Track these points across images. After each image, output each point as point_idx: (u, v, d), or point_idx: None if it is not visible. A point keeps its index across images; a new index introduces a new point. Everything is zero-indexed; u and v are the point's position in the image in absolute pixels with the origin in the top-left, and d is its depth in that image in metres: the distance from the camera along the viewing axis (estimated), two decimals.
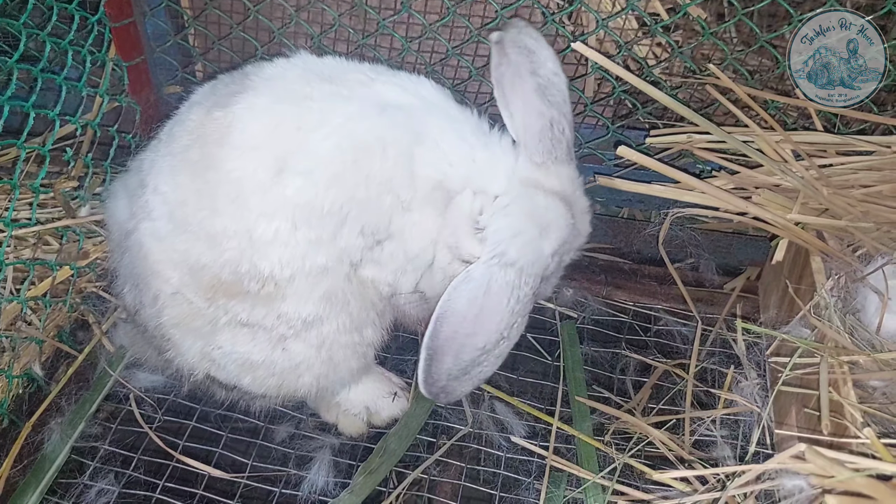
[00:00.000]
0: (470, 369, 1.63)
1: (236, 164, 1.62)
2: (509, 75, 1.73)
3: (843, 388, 1.56)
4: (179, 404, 2.03)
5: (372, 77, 1.75)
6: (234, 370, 1.78)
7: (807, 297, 1.86)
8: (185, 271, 1.69)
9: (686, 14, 2.05)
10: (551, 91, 1.71)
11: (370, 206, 1.65)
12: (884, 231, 1.89)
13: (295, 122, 1.65)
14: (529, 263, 1.64)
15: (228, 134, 1.64)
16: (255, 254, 1.63)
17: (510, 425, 1.99)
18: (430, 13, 2.25)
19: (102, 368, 2.07)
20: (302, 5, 2.27)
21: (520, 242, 1.65)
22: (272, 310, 1.68)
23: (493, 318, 1.62)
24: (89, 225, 2.23)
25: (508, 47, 1.72)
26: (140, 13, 2.28)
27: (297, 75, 1.72)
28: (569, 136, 1.74)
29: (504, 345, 1.63)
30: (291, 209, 1.61)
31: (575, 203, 1.76)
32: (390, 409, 2.04)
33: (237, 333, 1.72)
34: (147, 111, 2.38)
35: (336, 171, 1.62)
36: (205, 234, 1.65)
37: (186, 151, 1.68)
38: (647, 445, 1.87)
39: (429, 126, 1.69)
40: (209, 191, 1.64)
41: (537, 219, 1.69)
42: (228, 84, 1.73)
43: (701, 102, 2.31)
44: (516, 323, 1.63)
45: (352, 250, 1.69)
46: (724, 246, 2.39)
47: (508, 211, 1.69)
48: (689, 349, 2.15)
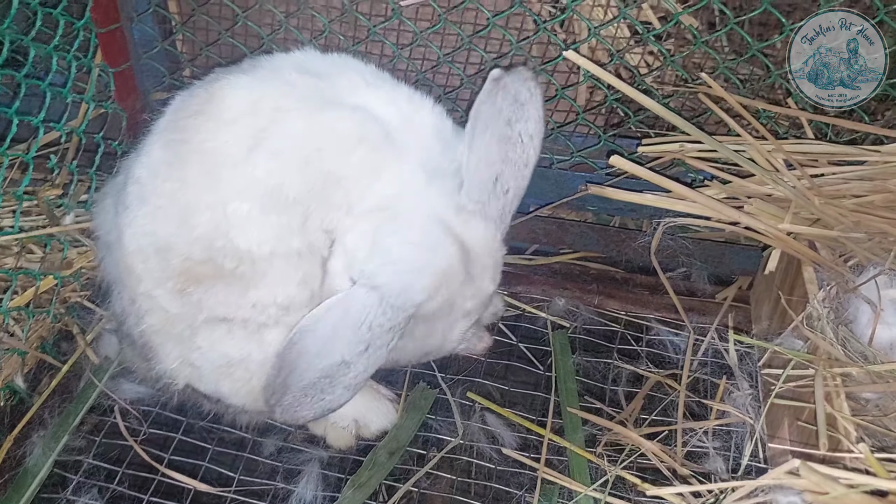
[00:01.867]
0: (313, 393, 1.57)
1: (210, 136, 1.61)
2: (487, 114, 1.68)
3: (836, 401, 1.55)
4: (165, 417, 2.00)
5: (368, 82, 1.73)
6: (212, 375, 1.75)
7: (799, 307, 1.85)
8: (153, 256, 1.65)
9: (678, 23, 2.04)
10: (515, 149, 1.67)
11: (326, 201, 1.63)
12: (875, 241, 1.88)
13: (273, 102, 1.64)
14: (394, 294, 1.57)
15: (206, 105, 1.64)
16: (231, 229, 1.60)
17: (501, 437, 1.97)
18: (421, 20, 2.23)
19: (87, 380, 2.04)
20: (292, 11, 2.25)
21: (392, 270, 1.60)
22: (247, 298, 1.64)
23: (341, 339, 1.55)
24: (74, 233, 2.19)
25: (501, 89, 1.67)
26: (127, 18, 2.25)
27: (289, 65, 1.73)
28: (509, 200, 1.70)
29: (350, 375, 1.56)
30: (262, 191, 1.59)
31: (477, 261, 1.70)
32: (379, 421, 2.00)
33: (214, 331, 1.68)
34: (133, 118, 2.35)
35: (305, 157, 1.61)
36: (175, 208, 1.63)
37: (163, 128, 1.69)
38: (640, 457, 1.85)
39: (397, 147, 1.67)
40: (180, 161, 1.63)
41: (421, 255, 1.63)
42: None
43: (693, 111, 2.30)
44: (364, 352, 1.56)
45: (320, 245, 1.66)
46: (716, 255, 2.38)
47: (398, 235, 1.64)
48: (680, 359, 2.14)
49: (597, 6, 2.20)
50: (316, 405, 1.59)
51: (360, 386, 1.61)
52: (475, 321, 1.86)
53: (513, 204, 1.72)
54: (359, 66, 1.79)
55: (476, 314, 1.83)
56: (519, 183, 1.70)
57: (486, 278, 1.75)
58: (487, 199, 1.69)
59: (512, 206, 1.72)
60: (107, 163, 2.24)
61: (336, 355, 1.56)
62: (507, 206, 1.71)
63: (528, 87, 1.67)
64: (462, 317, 1.78)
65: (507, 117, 1.67)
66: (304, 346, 1.56)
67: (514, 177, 1.69)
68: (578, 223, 2.48)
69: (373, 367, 1.59)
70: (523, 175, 1.70)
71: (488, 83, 1.68)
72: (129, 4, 2.26)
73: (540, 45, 2.29)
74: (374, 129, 1.66)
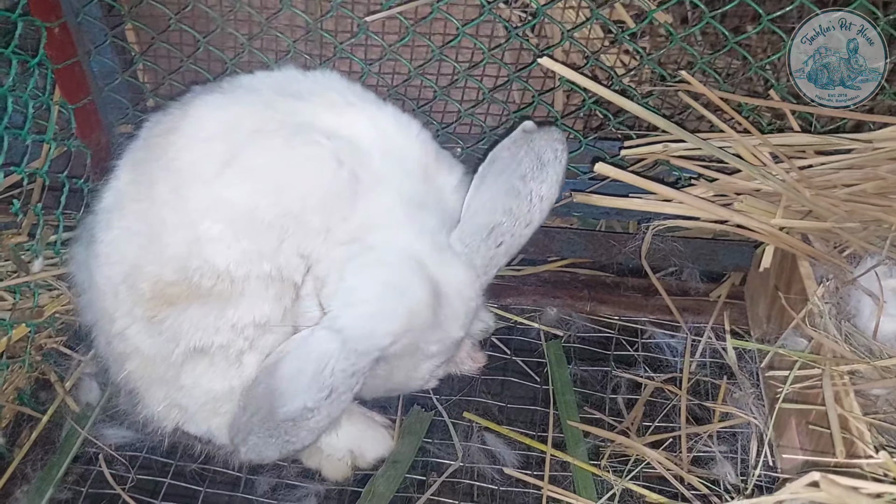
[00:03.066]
0: (277, 434, 1.52)
1: (181, 153, 1.57)
2: (504, 162, 1.66)
3: (845, 401, 1.51)
4: (154, 461, 1.93)
5: (350, 102, 1.68)
6: (200, 414, 1.70)
7: (797, 304, 1.81)
8: (121, 284, 1.61)
9: (652, 20, 2.00)
10: (521, 205, 1.64)
11: (303, 226, 1.58)
12: (871, 230, 1.85)
13: (251, 124, 1.59)
14: (358, 339, 1.51)
15: (180, 123, 1.61)
16: (204, 248, 1.55)
17: (502, 456, 1.93)
18: (388, 34, 2.18)
19: (69, 429, 1.97)
20: (255, 33, 2.18)
21: (356, 313, 1.54)
22: (225, 317, 1.58)
23: (301, 383, 1.50)
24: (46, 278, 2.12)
25: (527, 143, 1.66)
26: (84, 52, 2.18)
27: (268, 86, 1.69)
28: (499, 254, 1.66)
29: (313, 419, 1.51)
30: (234, 214, 1.55)
31: (448, 305, 1.64)
32: (375, 449, 1.94)
33: (196, 366, 1.63)
34: (98, 154, 2.27)
35: (281, 181, 1.57)
36: (144, 229, 1.59)
37: (133, 149, 1.66)
38: (646, 466, 1.81)
39: (376, 176, 1.62)
40: (149, 180, 1.59)
41: (390, 297, 1.56)
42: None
43: (673, 109, 2.27)
44: (328, 398, 1.50)
45: (293, 270, 1.60)
46: (706, 253, 2.35)
47: (367, 273, 1.58)
48: (678, 361, 2.11)
49: (568, 8, 2.16)
50: (281, 446, 1.54)
51: (325, 428, 1.56)
52: (446, 360, 1.81)
53: (502, 259, 1.68)
54: (341, 84, 1.75)
55: (444, 356, 1.77)
56: (515, 240, 1.67)
57: (454, 325, 1.69)
58: (477, 247, 1.65)
59: (500, 261, 1.68)
60: (74, 202, 2.18)
61: (299, 401, 1.50)
62: (496, 260, 1.67)
63: (555, 150, 1.66)
64: (427, 358, 1.73)
65: (524, 172, 1.64)
66: (269, 386, 1.52)
67: (512, 233, 1.65)
68: (565, 230, 2.44)
69: (337, 411, 1.53)
70: (522, 234, 1.67)
71: (517, 132, 1.69)
72: (85, 37, 2.18)
73: (512, 52, 2.25)
74: (352, 158, 1.61)
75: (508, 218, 1.64)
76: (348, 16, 2.11)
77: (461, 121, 2.28)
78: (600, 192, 2.04)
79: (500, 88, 2.25)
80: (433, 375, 1.82)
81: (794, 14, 2.05)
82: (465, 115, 2.25)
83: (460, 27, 2.05)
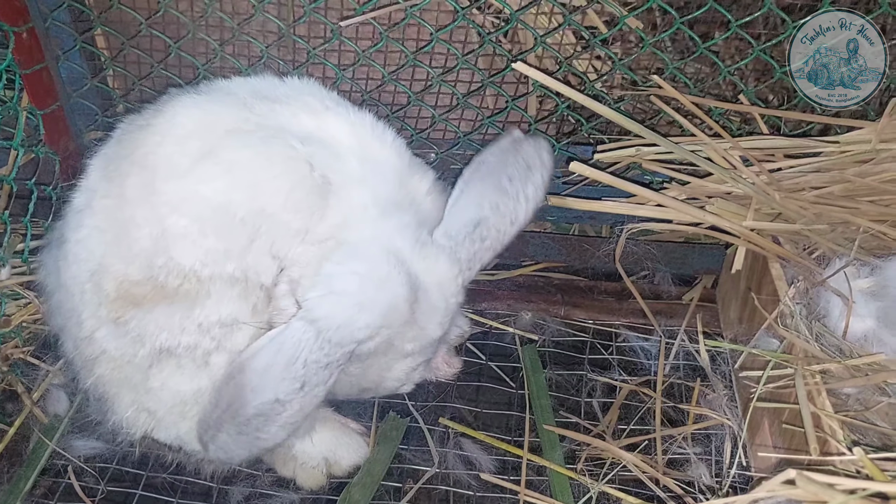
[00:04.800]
0: (247, 431, 1.50)
1: (154, 149, 1.56)
2: (493, 164, 1.69)
3: (818, 399, 1.53)
4: (124, 472, 1.91)
5: (328, 107, 1.68)
6: (168, 418, 1.68)
7: (768, 305, 1.83)
8: (87, 283, 1.59)
9: (623, 26, 2.02)
10: (508, 203, 1.66)
11: (278, 225, 1.57)
12: (838, 232, 1.88)
13: (228, 124, 1.59)
14: (332, 328, 1.48)
15: (154, 120, 1.60)
16: (170, 246, 1.53)
17: (478, 461, 1.92)
18: (362, 39, 2.17)
19: (36, 440, 1.93)
20: (226, 38, 2.17)
21: (333, 302, 1.51)
22: (192, 317, 1.56)
23: (273, 375, 1.48)
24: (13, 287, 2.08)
25: (515, 149, 1.69)
26: (52, 57, 2.15)
27: (246, 89, 1.68)
28: (483, 248, 1.66)
29: (285, 413, 1.48)
30: (205, 208, 1.53)
31: (426, 300, 1.62)
32: (350, 456, 1.92)
33: (164, 368, 1.60)
34: (67, 160, 2.24)
35: (257, 177, 1.55)
36: (112, 225, 1.57)
37: (105, 147, 1.66)
38: (622, 469, 1.82)
39: (352, 178, 1.62)
40: (119, 175, 1.58)
41: (367, 287, 1.54)
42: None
43: (645, 113, 2.29)
44: (300, 390, 1.48)
45: (261, 271, 1.59)
46: (678, 256, 2.37)
47: (344, 264, 1.56)
48: (652, 364, 2.12)
49: (541, 14, 2.17)
50: (251, 443, 1.52)
51: (298, 424, 1.53)
52: (424, 361, 1.79)
53: (486, 255, 1.68)
54: (319, 90, 1.74)
55: (420, 357, 1.75)
56: (500, 237, 1.67)
57: (432, 321, 1.67)
58: (462, 240, 1.65)
59: (484, 258, 1.68)
60: (42, 210, 2.15)
61: (269, 393, 1.48)
62: (479, 255, 1.67)
63: (542, 157, 1.70)
64: (402, 357, 1.71)
65: (511, 174, 1.67)
66: (240, 381, 1.50)
67: (497, 228, 1.66)
68: (539, 234, 2.45)
69: (310, 406, 1.51)
70: (506, 231, 1.67)
71: (505, 140, 1.72)
72: (53, 42, 2.15)
73: (486, 57, 2.26)
74: (325, 162, 1.61)
75: (495, 213, 1.65)
76: (321, 21, 2.11)
77: (435, 126, 2.28)
78: (574, 195, 2.05)
79: (473, 94, 2.26)
80: (409, 378, 1.80)
81: (759, 21, 2.09)
82: (439, 120, 2.25)
83: (434, 33, 2.05)
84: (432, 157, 2.30)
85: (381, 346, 1.62)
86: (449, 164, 2.31)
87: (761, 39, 2.09)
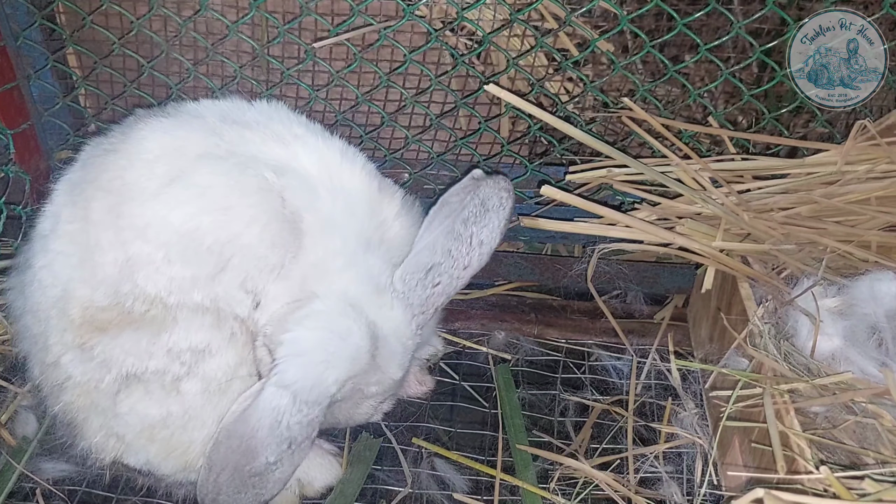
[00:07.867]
0: (245, 489, 1.52)
1: (120, 173, 1.55)
2: (453, 206, 1.69)
3: (786, 418, 1.54)
4: (94, 495, 1.87)
5: (297, 135, 1.68)
6: (137, 442, 1.66)
7: (738, 324, 1.85)
8: (52, 309, 1.58)
9: (594, 49, 2.05)
10: (461, 248, 1.66)
11: (250, 257, 1.56)
12: (806, 252, 1.90)
13: (198, 148, 1.58)
14: (306, 390, 1.51)
15: (121, 145, 1.59)
16: (135, 272, 1.53)
17: (452, 481, 1.92)
18: (336, 60, 2.18)
19: (4, 463, 1.90)
20: (200, 58, 2.17)
21: (302, 363, 1.54)
22: (159, 343, 1.56)
23: (262, 442, 1.50)
24: None
25: (474, 189, 1.68)
26: (24, 76, 2.14)
27: (214, 113, 1.67)
28: (436, 293, 1.67)
29: (279, 471, 1.51)
30: (170, 234, 1.52)
31: (385, 347, 1.65)
32: (323, 477, 1.91)
33: (132, 394, 1.60)
34: (38, 180, 2.22)
35: (228, 203, 1.55)
36: (76, 250, 1.56)
37: (71, 171, 1.65)
38: (594, 488, 1.83)
39: (322, 216, 1.62)
40: (84, 200, 1.56)
41: (332, 344, 1.57)
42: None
43: (616, 135, 2.31)
44: (288, 449, 1.51)
45: (234, 304, 1.59)
46: (650, 276, 2.39)
47: (309, 322, 1.57)
48: (624, 384, 2.13)
49: (513, 36, 2.20)
50: (252, 499, 1.53)
51: (290, 476, 1.55)
52: (390, 396, 1.81)
53: (438, 299, 1.69)
54: (287, 116, 1.74)
55: (384, 395, 1.78)
56: (452, 282, 1.68)
57: (392, 365, 1.69)
58: (415, 286, 1.66)
59: (437, 302, 1.69)
60: (12, 229, 2.13)
61: (261, 457, 1.50)
62: (432, 300, 1.68)
63: (500, 197, 1.68)
64: (367, 398, 1.74)
65: (466, 216, 1.66)
66: (229, 447, 1.51)
67: (449, 274, 1.67)
68: (511, 254, 2.46)
69: (300, 459, 1.54)
70: (458, 276, 1.68)
71: (467, 180, 1.71)
72: (25, 61, 2.15)
73: (459, 79, 2.27)
74: (300, 193, 1.61)
75: (447, 259, 1.66)
76: (295, 42, 2.11)
77: (408, 147, 2.29)
78: (546, 216, 2.06)
79: (447, 115, 2.27)
80: (377, 410, 1.82)
81: (728, 44, 2.13)
82: (412, 141, 2.26)
83: (407, 54, 2.07)
84: (406, 178, 2.31)
85: (347, 392, 1.64)
86: (422, 185, 2.32)
87: (730, 62, 2.13)
